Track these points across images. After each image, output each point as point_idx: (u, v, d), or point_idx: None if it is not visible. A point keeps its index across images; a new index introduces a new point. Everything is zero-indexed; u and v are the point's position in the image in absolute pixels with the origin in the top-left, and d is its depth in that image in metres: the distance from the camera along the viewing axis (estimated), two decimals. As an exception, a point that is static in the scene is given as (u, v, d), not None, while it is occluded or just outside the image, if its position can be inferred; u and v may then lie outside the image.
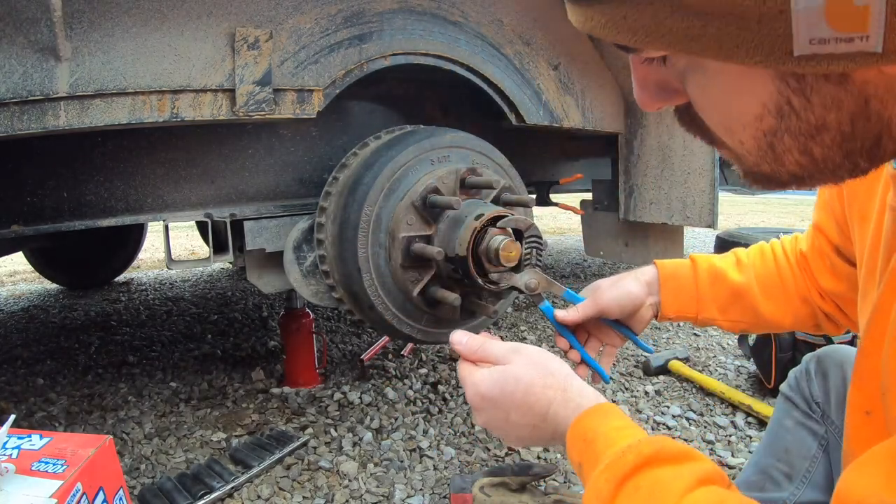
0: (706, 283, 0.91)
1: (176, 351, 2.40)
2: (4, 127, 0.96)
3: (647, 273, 0.93)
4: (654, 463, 0.50)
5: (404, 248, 1.22)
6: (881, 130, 0.38)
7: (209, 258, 1.35)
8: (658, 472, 0.50)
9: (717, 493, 0.48)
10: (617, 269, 4.29)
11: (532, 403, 0.62)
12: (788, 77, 0.36)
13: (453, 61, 1.45)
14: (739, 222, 8.17)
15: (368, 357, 2.12)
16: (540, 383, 0.63)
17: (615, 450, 0.52)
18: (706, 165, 1.72)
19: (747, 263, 0.93)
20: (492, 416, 0.65)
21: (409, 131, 1.36)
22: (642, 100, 0.47)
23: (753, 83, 0.38)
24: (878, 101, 0.36)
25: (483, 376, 0.65)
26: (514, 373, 0.64)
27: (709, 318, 0.92)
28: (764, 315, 0.90)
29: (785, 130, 0.39)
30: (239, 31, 1.13)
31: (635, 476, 0.50)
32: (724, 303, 0.91)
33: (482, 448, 1.57)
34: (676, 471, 0.50)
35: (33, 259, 3.81)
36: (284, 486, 1.38)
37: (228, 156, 1.39)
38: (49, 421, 1.75)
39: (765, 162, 0.42)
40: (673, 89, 0.45)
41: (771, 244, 0.96)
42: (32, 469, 0.81)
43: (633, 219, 1.95)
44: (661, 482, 0.49)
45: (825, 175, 0.42)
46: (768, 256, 0.93)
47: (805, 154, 0.40)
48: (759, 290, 0.90)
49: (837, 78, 0.35)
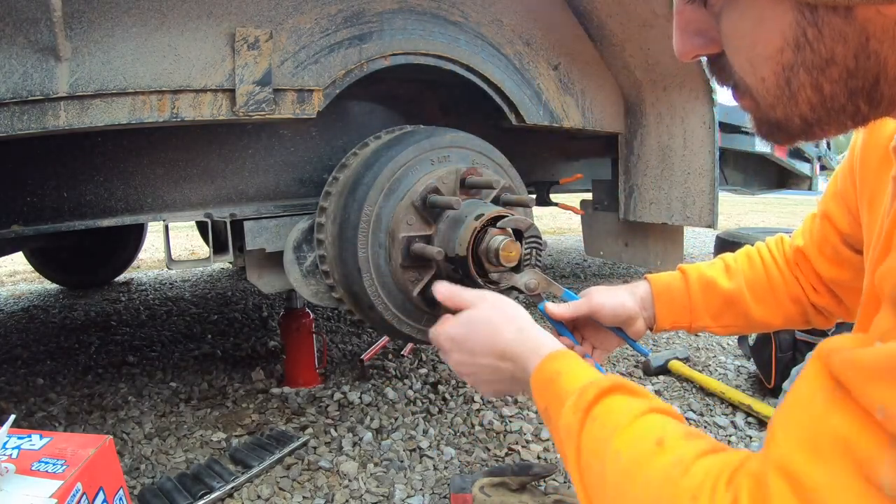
0: (698, 294, 0.94)
1: (176, 351, 2.40)
2: (4, 127, 0.96)
3: (640, 288, 0.96)
4: (611, 392, 0.56)
5: (404, 248, 1.22)
6: (879, 72, 0.42)
7: (209, 258, 1.35)
8: (613, 400, 0.56)
9: (667, 420, 0.53)
10: (617, 268, 4.30)
11: (492, 342, 0.69)
12: (804, 8, 0.42)
13: (453, 61, 1.45)
14: (739, 222, 8.17)
15: (368, 357, 2.12)
16: (498, 322, 0.70)
17: (577, 387, 0.58)
18: (706, 165, 1.72)
19: (736, 269, 0.95)
20: (460, 358, 0.73)
21: (409, 131, 1.36)
22: (681, 46, 0.52)
23: (775, 13, 0.43)
24: (877, 41, 0.41)
25: (452, 321, 0.74)
26: (478, 315, 0.72)
27: (702, 326, 0.95)
28: (755, 318, 0.92)
29: (801, 65, 0.44)
30: (239, 31, 1.13)
31: (595, 406, 0.56)
32: (716, 310, 0.94)
33: (482, 448, 1.57)
34: (630, 400, 0.56)
35: (33, 259, 3.80)
36: (284, 486, 1.38)
37: (228, 156, 1.39)
38: (49, 421, 1.75)
39: (780, 103, 0.47)
40: (709, 36, 0.50)
41: (757, 248, 0.98)
42: (32, 469, 0.81)
43: (633, 219, 1.95)
44: (615, 409, 0.55)
45: (831, 119, 0.46)
46: (756, 260, 0.95)
47: (816, 91, 0.44)
48: (749, 294, 0.92)
49: (843, 11, 0.40)
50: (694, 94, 1.70)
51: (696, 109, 1.70)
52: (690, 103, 1.71)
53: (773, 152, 3.19)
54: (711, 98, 1.67)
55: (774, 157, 3.23)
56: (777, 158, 3.28)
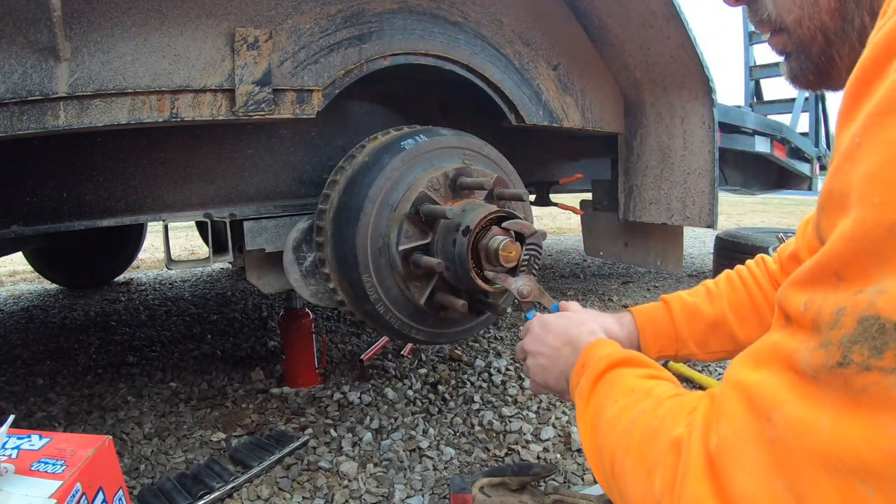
0: (683, 322, 0.95)
1: (175, 351, 2.40)
2: (4, 127, 0.96)
3: (625, 319, 0.97)
4: (622, 364, 0.66)
5: (403, 259, 1.21)
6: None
7: (209, 258, 1.35)
8: (623, 370, 0.65)
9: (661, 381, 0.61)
10: (617, 268, 4.30)
11: (566, 331, 0.81)
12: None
13: (453, 61, 1.45)
14: (739, 222, 8.17)
15: (368, 357, 2.12)
16: (578, 320, 0.84)
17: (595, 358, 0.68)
18: (706, 165, 1.72)
19: (717, 293, 0.96)
20: (537, 336, 0.85)
21: (403, 133, 1.35)
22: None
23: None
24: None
25: (552, 315, 0.88)
26: (577, 314, 0.89)
27: (688, 354, 0.96)
28: (741, 339, 0.93)
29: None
30: (238, 31, 1.13)
31: (607, 374, 0.65)
32: (701, 337, 0.95)
33: (482, 448, 1.57)
34: (637, 370, 0.64)
35: (33, 259, 3.80)
36: (284, 487, 1.38)
37: (228, 156, 1.39)
38: (49, 421, 1.75)
39: (805, 13, 0.52)
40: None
41: (737, 270, 0.99)
42: (32, 469, 0.81)
43: (633, 219, 1.95)
44: (623, 376, 0.63)
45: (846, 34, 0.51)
46: (736, 283, 0.96)
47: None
48: (733, 316, 0.93)
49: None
50: (693, 95, 1.70)
51: (696, 109, 1.70)
52: (690, 103, 1.71)
53: (773, 152, 3.19)
54: (711, 98, 1.67)
55: (774, 157, 3.23)
56: (777, 158, 3.28)
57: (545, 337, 0.84)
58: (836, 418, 0.34)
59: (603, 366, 0.66)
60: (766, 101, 5.05)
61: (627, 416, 0.57)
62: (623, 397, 0.60)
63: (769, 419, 0.38)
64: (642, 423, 0.53)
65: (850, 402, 0.34)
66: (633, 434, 0.53)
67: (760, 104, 5.00)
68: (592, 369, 0.67)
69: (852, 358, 0.34)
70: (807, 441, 0.36)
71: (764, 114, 3.99)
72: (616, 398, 0.60)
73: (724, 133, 2.76)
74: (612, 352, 0.69)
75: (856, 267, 0.35)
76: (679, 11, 1.51)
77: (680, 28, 1.55)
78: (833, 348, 0.35)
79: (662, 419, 0.51)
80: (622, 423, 0.56)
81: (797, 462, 0.36)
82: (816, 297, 0.38)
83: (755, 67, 5.04)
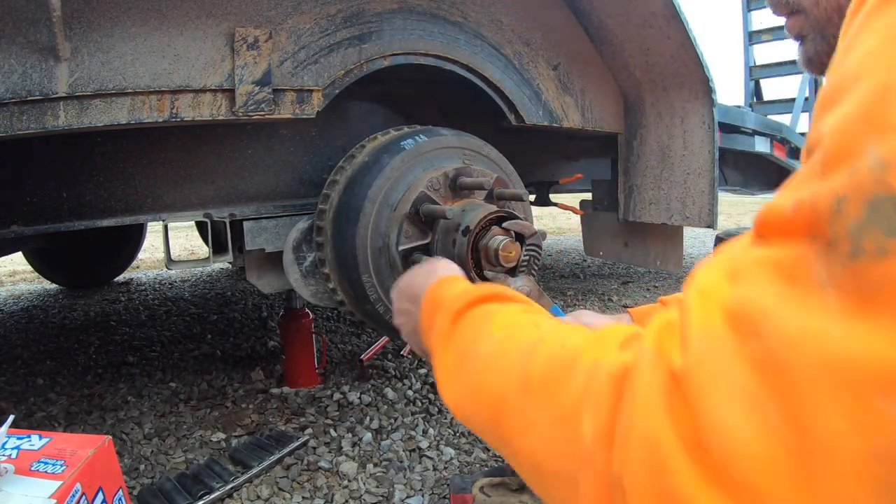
0: None
1: (175, 351, 2.40)
2: (4, 127, 0.96)
3: (623, 320, 0.96)
4: (491, 300, 0.56)
5: (403, 255, 1.21)
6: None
7: (209, 258, 1.35)
8: (493, 305, 0.55)
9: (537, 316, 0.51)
10: (617, 268, 4.29)
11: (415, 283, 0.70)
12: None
13: (453, 61, 1.45)
14: (739, 222, 8.17)
15: (368, 357, 2.12)
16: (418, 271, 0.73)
17: (451, 294, 0.59)
18: (706, 165, 1.72)
19: None
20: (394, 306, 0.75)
21: (403, 133, 1.35)
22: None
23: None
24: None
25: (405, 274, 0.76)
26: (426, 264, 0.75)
27: None
28: None
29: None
30: (238, 31, 1.13)
31: (469, 310, 0.55)
32: None
33: (482, 448, 1.57)
34: (515, 305, 0.55)
35: (33, 259, 3.80)
36: (284, 487, 1.38)
37: (228, 156, 1.39)
38: (49, 421, 1.75)
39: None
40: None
41: None
42: (32, 469, 0.81)
43: (633, 219, 1.95)
44: (495, 310, 0.53)
45: None
46: None
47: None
48: None
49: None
50: (693, 95, 1.70)
51: (696, 110, 1.70)
52: (690, 103, 1.71)
53: (773, 152, 3.18)
54: (711, 98, 1.67)
55: (774, 157, 3.23)
56: (777, 158, 3.28)
57: (398, 303, 0.74)
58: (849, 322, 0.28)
59: (465, 301, 0.55)
60: (765, 101, 5.06)
61: (514, 348, 0.46)
62: (501, 330, 0.49)
63: (758, 334, 0.31)
64: (544, 354, 0.42)
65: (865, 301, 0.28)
66: (532, 368, 0.42)
67: (760, 104, 5.00)
68: (449, 305, 0.56)
69: (863, 246, 0.28)
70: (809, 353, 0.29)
71: (764, 114, 3.99)
72: (492, 331, 0.50)
73: (724, 133, 2.76)
74: (473, 287, 0.60)
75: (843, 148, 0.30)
76: (679, 11, 1.51)
77: (680, 28, 1.55)
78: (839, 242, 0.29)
79: (576, 350, 0.41)
80: (508, 357, 0.46)
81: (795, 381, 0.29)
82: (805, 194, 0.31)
83: (755, 67, 5.05)
